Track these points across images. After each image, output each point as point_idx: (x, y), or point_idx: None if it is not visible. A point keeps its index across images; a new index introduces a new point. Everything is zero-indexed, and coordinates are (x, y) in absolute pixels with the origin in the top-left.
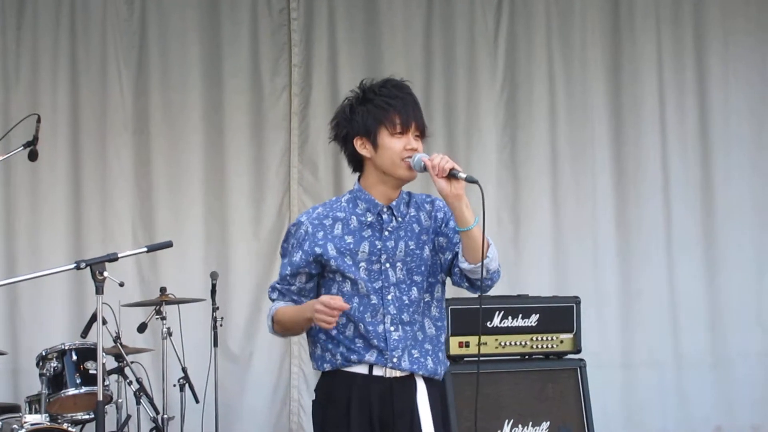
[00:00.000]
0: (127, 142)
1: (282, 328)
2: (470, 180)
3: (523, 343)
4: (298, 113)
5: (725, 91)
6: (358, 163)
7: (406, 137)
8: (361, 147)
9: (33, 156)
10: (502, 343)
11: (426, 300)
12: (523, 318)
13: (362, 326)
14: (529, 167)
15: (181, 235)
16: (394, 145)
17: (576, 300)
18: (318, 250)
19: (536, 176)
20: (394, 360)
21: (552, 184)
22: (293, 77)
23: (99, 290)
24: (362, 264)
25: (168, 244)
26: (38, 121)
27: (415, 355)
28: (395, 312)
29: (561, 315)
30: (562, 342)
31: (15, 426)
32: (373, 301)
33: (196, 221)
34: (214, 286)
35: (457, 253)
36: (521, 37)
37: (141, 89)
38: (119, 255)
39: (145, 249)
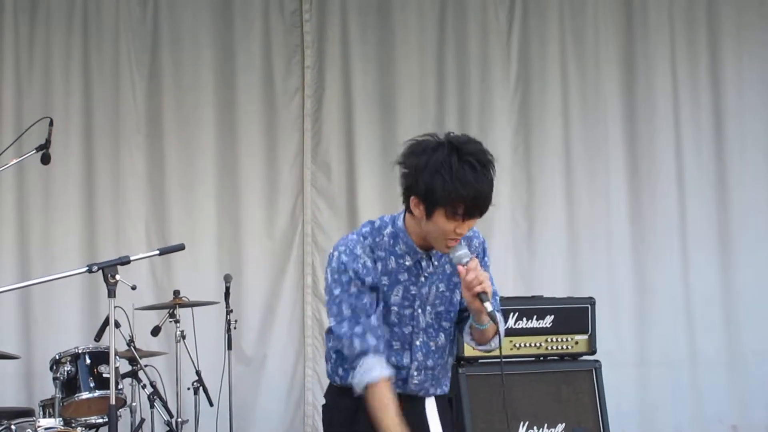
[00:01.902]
0: (139, 144)
1: (368, 401)
2: (491, 317)
3: (538, 344)
4: (311, 115)
5: (739, 87)
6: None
7: (459, 221)
8: (415, 207)
9: (46, 159)
10: (517, 345)
11: (452, 339)
12: (537, 319)
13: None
14: (543, 167)
15: (195, 237)
16: (445, 227)
17: (591, 301)
18: (371, 280)
19: (550, 176)
20: (406, 396)
21: (566, 183)
22: (306, 79)
23: (111, 293)
24: (394, 308)
25: (180, 247)
26: (51, 124)
27: (430, 391)
28: (422, 358)
29: (576, 316)
30: (577, 343)
31: (29, 430)
32: (395, 347)
33: (209, 223)
34: (227, 288)
35: None
36: (534, 36)
37: (154, 91)
38: (131, 258)
39: (158, 252)
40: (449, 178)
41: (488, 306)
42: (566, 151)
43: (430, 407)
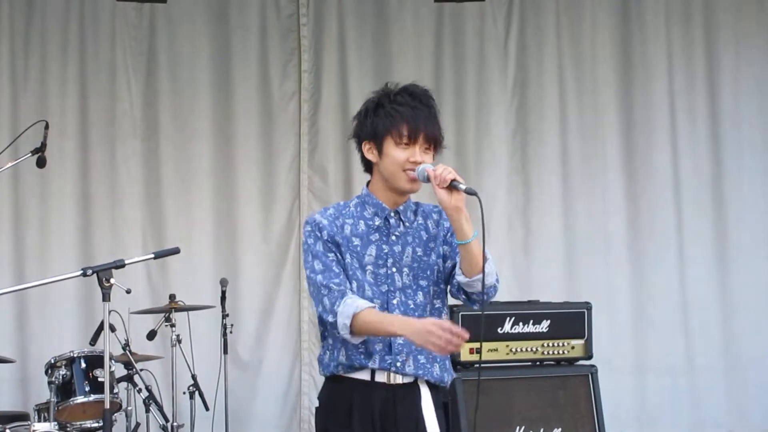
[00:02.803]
0: (136, 148)
1: (364, 331)
2: (470, 192)
3: (534, 349)
4: (308, 119)
5: (736, 92)
6: (368, 165)
7: (412, 149)
8: (368, 152)
9: (41, 163)
10: (513, 350)
11: (437, 306)
12: (534, 324)
13: None
14: (540, 172)
15: (191, 241)
16: (397, 155)
17: (587, 306)
18: (337, 239)
19: (547, 181)
20: (398, 365)
21: (563, 188)
22: (303, 83)
23: (106, 297)
24: (369, 267)
25: (175, 251)
26: (46, 127)
27: (421, 361)
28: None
29: (572, 321)
30: (573, 348)
31: None
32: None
33: (205, 227)
34: (223, 292)
35: (456, 264)
36: (532, 42)
37: (150, 96)
38: (126, 262)
39: (153, 255)
40: (387, 107)
41: (462, 186)
42: (563, 156)
43: (426, 401)
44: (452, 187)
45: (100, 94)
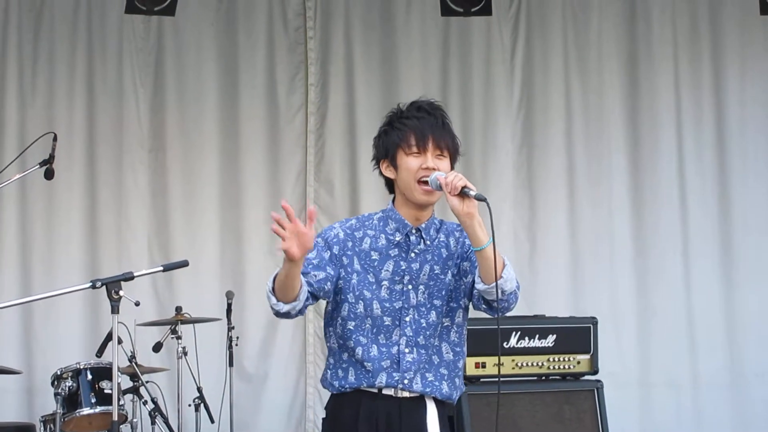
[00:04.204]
0: (143, 160)
1: (281, 287)
2: (479, 198)
3: (539, 363)
4: (315, 132)
5: (742, 104)
6: (390, 184)
7: (423, 156)
8: (386, 169)
9: (49, 174)
10: (519, 364)
11: (445, 324)
12: (539, 339)
13: (375, 348)
14: (546, 187)
15: (197, 253)
16: (410, 164)
17: (593, 321)
18: (345, 260)
19: (552, 196)
20: (405, 382)
21: (568, 202)
22: (309, 96)
23: (114, 309)
24: (384, 283)
25: (184, 264)
26: (54, 139)
27: (429, 379)
28: (411, 334)
29: (578, 336)
30: (579, 363)
31: None
32: (386, 323)
33: (211, 240)
34: (229, 305)
35: None
36: (538, 57)
37: (157, 108)
38: (135, 274)
39: (161, 268)
40: (395, 123)
41: (472, 192)
42: (569, 170)
43: (431, 416)
44: (463, 194)
45: (107, 106)
